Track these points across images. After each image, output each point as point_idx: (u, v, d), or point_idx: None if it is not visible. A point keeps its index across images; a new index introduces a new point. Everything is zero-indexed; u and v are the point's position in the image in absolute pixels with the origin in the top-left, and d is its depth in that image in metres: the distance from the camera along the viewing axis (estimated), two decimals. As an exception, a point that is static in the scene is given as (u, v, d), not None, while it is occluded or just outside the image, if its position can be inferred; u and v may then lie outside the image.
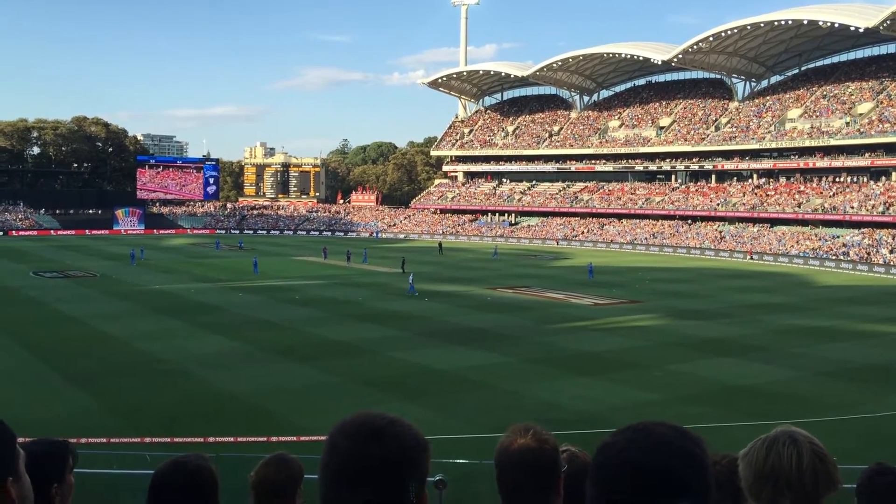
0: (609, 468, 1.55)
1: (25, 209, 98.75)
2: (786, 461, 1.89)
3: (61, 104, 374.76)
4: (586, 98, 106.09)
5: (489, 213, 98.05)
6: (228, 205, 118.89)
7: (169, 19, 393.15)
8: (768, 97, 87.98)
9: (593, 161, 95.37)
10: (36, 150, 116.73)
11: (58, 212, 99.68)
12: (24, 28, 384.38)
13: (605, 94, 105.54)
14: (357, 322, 31.49)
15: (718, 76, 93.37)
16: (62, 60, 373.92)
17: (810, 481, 1.88)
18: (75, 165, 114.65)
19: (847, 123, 75.67)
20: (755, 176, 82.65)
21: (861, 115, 75.63)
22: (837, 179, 75.26)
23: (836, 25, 72.38)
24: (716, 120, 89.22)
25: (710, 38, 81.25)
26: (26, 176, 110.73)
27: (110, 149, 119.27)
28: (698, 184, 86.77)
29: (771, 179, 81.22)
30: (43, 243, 77.20)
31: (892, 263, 58.61)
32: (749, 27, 78.42)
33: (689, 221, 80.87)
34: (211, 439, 15.72)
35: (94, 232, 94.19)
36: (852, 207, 68.94)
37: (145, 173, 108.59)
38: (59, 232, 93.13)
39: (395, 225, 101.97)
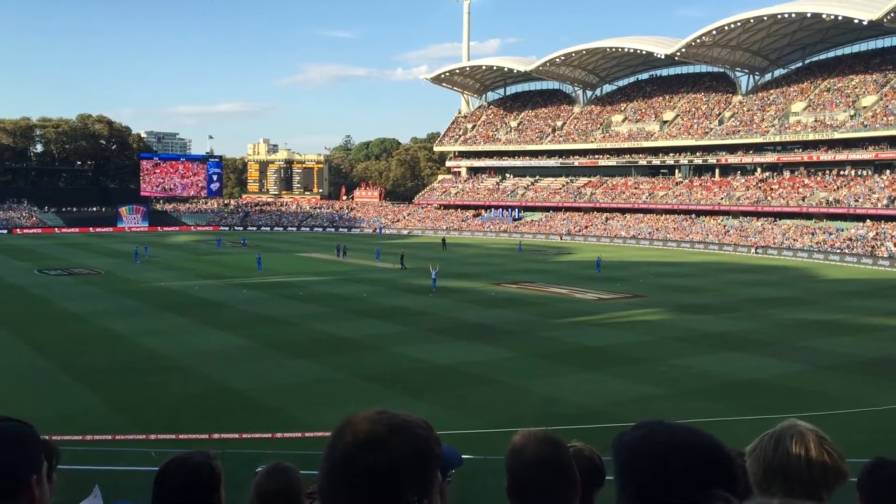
0: (642, 466, 1.56)
1: (29, 207, 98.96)
2: (794, 456, 1.89)
3: (65, 102, 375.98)
4: (589, 93, 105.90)
5: (492, 209, 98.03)
6: (232, 201, 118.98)
7: (172, 16, 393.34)
8: (772, 91, 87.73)
9: (597, 156, 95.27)
10: (39, 147, 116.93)
11: (62, 209, 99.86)
12: (26, 26, 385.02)
13: (608, 88, 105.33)
14: (361, 318, 31.51)
15: (722, 70, 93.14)
16: (65, 58, 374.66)
17: (819, 474, 1.88)
18: (79, 163, 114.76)
19: (851, 117, 75.46)
20: (759, 170, 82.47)
21: (865, 108, 75.41)
22: (842, 173, 75.07)
23: (840, 18, 72.11)
24: (719, 114, 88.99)
25: (714, 32, 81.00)
26: (30, 174, 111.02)
27: (114, 146, 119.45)
28: (702, 178, 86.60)
29: (775, 173, 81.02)
30: (47, 241, 77.37)
31: (896, 257, 58.51)
32: (752, 20, 78.13)
33: (693, 216, 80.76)
34: (216, 436, 15.76)
35: (98, 229, 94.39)
36: (856, 201, 68.80)
37: (149, 170, 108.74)
38: (63, 229, 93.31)
39: (398, 221, 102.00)
